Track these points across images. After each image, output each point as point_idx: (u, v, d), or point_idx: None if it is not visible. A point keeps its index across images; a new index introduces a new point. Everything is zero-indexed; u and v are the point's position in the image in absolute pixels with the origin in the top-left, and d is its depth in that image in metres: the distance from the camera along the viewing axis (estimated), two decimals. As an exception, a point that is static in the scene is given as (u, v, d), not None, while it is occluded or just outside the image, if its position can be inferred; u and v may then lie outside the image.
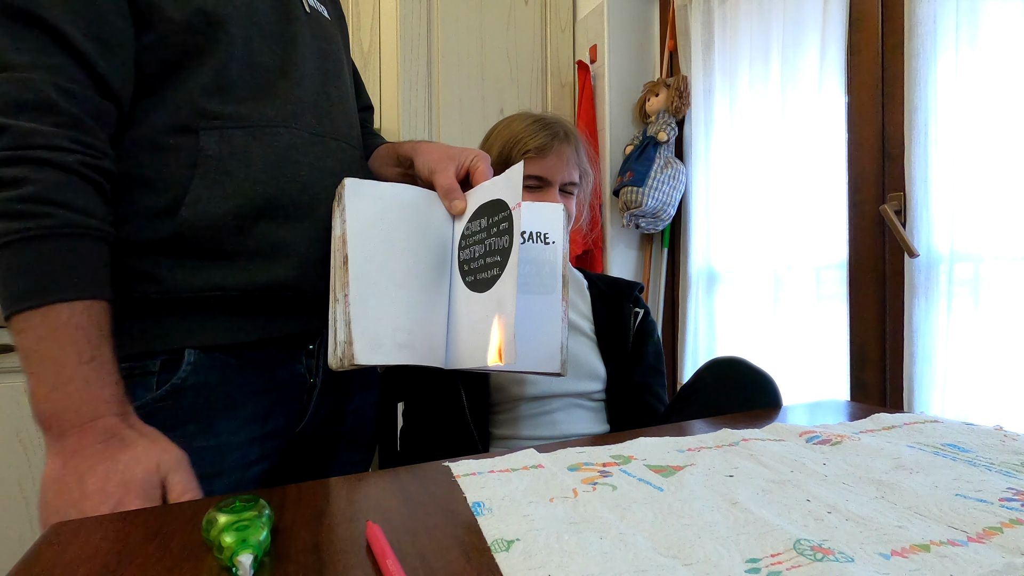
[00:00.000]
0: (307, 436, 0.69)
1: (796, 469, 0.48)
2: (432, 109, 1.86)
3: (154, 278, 0.56)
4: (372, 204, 0.60)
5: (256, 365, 0.62)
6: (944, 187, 1.09)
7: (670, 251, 1.85)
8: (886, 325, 1.24)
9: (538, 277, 0.63)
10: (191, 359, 0.57)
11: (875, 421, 0.63)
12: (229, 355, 0.59)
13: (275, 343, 0.63)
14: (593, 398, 0.90)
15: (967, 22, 1.06)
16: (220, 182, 0.56)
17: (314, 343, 0.67)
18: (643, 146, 1.72)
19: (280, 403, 0.64)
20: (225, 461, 0.58)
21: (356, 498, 0.45)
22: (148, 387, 0.56)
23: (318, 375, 0.67)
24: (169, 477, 0.49)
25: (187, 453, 0.52)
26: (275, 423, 0.64)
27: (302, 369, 0.66)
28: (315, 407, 0.68)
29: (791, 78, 1.42)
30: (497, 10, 1.95)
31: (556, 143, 0.88)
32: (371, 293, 0.56)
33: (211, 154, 0.56)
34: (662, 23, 1.89)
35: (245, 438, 0.60)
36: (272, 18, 0.63)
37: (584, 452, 0.53)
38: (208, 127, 0.57)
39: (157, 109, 0.57)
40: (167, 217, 0.55)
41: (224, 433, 0.58)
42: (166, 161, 0.56)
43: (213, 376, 0.58)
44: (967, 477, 0.46)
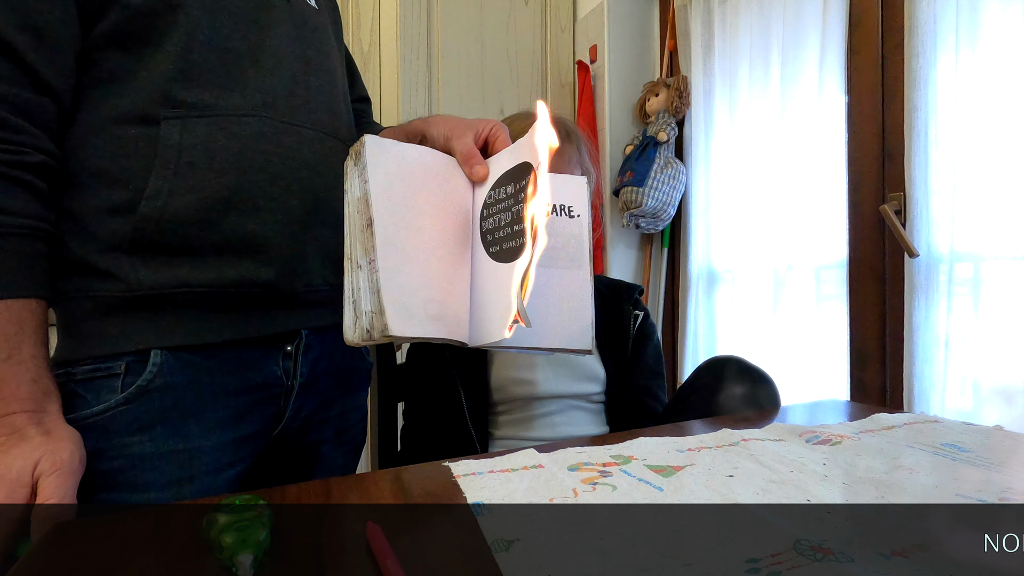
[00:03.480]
0: (286, 440, 0.67)
1: (796, 469, 0.48)
2: (432, 109, 1.85)
3: (116, 276, 0.54)
4: (395, 164, 0.54)
5: (228, 366, 0.59)
6: (944, 187, 1.09)
7: (670, 251, 1.85)
8: (886, 325, 1.24)
9: (564, 251, 0.58)
10: (157, 360, 0.55)
11: (875, 421, 0.63)
12: (198, 356, 0.57)
13: (249, 343, 0.61)
14: (592, 400, 0.90)
15: (967, 22, 1.06)
16: (182, 174, 0.54)
17: (292, 344, 0.64)
18: (643, 146, 1.72)
19: (254, 406, 0.62)
20: (196, 465, 0.56)
21: (356, 498, 0.45)
22: (113, 390, 0.54)
23: (296, 378, 0.65)
24: (42, 480, 0.47)
25: (156, 457, 0.52)
26: (249, 426, 0.61)
27: (278, 371, 0.63)
28: (293, 411, 0.65)
29: (791, 79, 1.42)
30: (497, 10, 1.95)
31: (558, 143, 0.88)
32: (402, 259, 0.51)
33: (172, 144, 0.54)
34: (662, 23, 1.89)
35: (217, 441, 0.58)
36: (242, 4, 0.60)
37: (584, 452, 0.53)
38: (170, 116, 0.54)
39: (118, 99, 0.54)
40: (127, 212, 0.53)
41: (195, 436, 0.56)
42: (126, 153, 0.54)
43: (181, 378, 0.56)
44: (967, 477, 0.46)
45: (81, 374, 0.54)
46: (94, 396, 0.53)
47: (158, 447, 0.54)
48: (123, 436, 0.53)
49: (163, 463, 0.53)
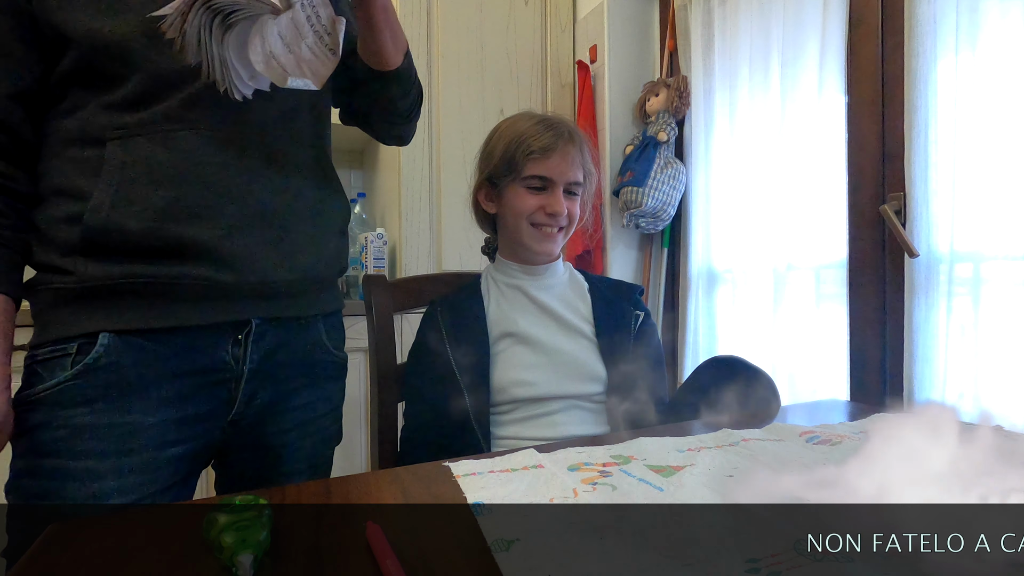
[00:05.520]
0: (245, 427, 0.70)
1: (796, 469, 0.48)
2: (432, 109, 1.86)
3: (70, 272, 0.61)
4: None
5: (174, 350, 0.64)
6: (944, 187, 1.09)
7: (670, 251, 1.85)
8: (886, 325, 1.24)
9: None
10: (105, 342, 0.61)
11: (875, 421, 0.63)
12: (145, 339, 0.63)
13: (197, 329, 0.65)
14: (594, 400, 0.90)
15: (967, 22, 1.06)
16: (124, 189, 0.60)
17: (242, 333, 0.68)
18: (643, 146, 1.72)
19: (202, 389, 0.66)
20: (137, 439, 0.62)
21: (356, 498, 0.45)
22: (64, 368, 0.61)
23: (245, 363, 0.68)
24: None
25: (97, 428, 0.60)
26: (196, 407, 0.66)
27: (227, 357, 0.67)
28: (246, 396, 0.69)
29: (791, 78, 1.42)
30: (497, 10, 1.95)
31: (561, 143, 0.88)
32: None
33: (115, 163, 0.60)
34: (662, 23, 1.89)
35: (160, 419, 0.63)
36: None
37: (584, 452, 0.53)
38: (113, 137, 0.61)
39: (70, 125, 0.62)
40: (76, 223, 0.60)
41: (136, 412, 0.62)
42: (80, 171, 0.61)
43: (127, 358, 0.62)
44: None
45: (42, 355, 0.62)
46: (48, 373, 0.61)
47: (99, 419, 0.60)
48: (68, 408, 0.60)
49: (103, 434, 0.60)
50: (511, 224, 0.92)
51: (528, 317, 0.91)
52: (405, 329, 1.65)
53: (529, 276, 0.94)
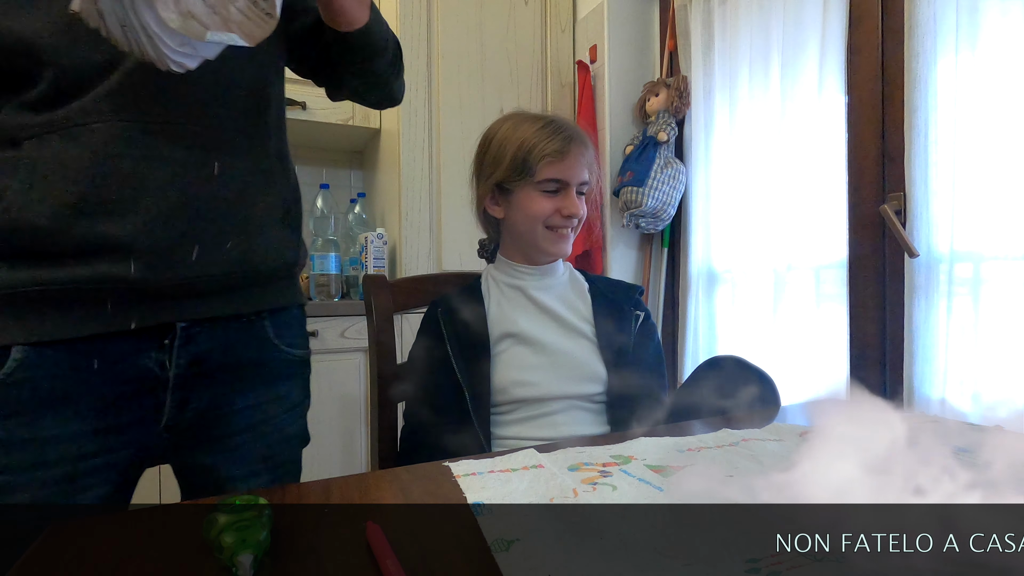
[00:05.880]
0: (186, 429, 0.67)
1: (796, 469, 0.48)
2: (432, 109, 1.86)
3: None
4: None
5: (92, 359, 0.62)
6: (944, 187, 1.09)
7: (670, 251, 1.85)
8: (886, 325, 1.24)
9: None
10: (17, 356, 0.58)
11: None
12: (61, 350, 0.60)
13: (116, 336, 0.62)
14: (594, 400, 0.90)
15: (967, 22, 1.06)
16: (34, 187, 0.58)
17: (167, 337, 0.65)
18: (643, 146, 1.72)
19: (125, 398, 0.64)
20: (50, 452, 0.60)
21: (356, 498, 0.45)
22: None
23: (171, 369, 0.65)
24: None
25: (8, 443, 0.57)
26: (119, 418, 0.63)
27: (150, 364, 0.64)
28: (177, 402, 0.66)
29: (791, 78, 1.42)
30: (497, 10, 1.95)
31: (572, 146, 0.89)
32: None
33: (28, 161, 0.58)
34: (662, 23, 1.89)
35: (77, 430, 0.61)
36: None
37: (584, 452, 0.53)
38: (29, 136, 0.59)
39: None
40: None
41: (48, 427, 0.60)
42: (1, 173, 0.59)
43: (42, 371, 0.59)
44: (967, 477, 0.45)
45: None
46: None
47: (10, 435, 0.58)
48: None
49: (14, 450, 0.58)
50: (524, 228, 0.91)
51: (528, 317, 0.91)
52: (405, 329, 1.65)
53: (530, 276, 0.94)
